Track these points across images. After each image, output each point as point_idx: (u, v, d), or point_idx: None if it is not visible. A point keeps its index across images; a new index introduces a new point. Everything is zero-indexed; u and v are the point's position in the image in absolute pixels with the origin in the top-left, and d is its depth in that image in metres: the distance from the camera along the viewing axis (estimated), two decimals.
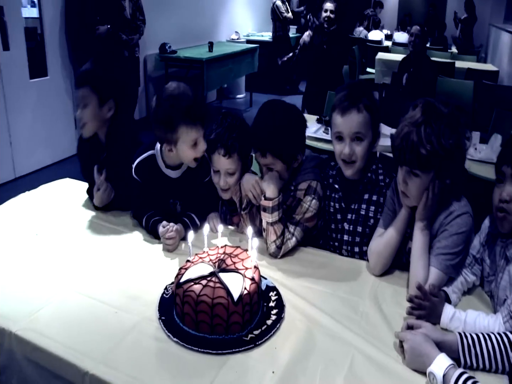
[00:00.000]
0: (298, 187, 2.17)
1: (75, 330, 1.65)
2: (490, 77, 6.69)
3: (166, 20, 7.59)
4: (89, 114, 2.45)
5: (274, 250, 2.12)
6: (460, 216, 1.84)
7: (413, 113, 1.79)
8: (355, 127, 2.06)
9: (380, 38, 10.65)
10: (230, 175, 2.27)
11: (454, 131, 1.75)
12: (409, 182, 1.83)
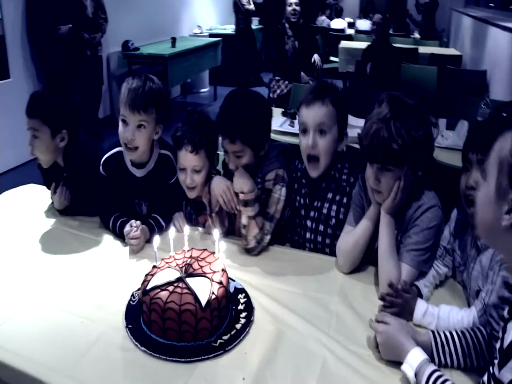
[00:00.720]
0: (265, 178, 2.16)
1: (39, 343, 1.60)
2: (453, 61, 6.76)
3: (128, 17, 7.47)
4: (41, 146, 2.38)
5: (253, 245, 2.11)
6: (429, 209, 1.84)
7: (380, 109, 1.78)
8: (318, 118, 2.06)
9: (342, 26, 10.68)
10: (196, 173, 2.24)
11: (422, 121, 1.75)
12: (381, 178, 1.81)
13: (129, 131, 2.18)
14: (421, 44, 8.45)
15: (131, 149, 2.23)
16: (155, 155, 2.34)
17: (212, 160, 2.30)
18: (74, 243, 2.23)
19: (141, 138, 2.20)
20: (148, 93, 2.17)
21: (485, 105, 3.57)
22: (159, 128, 2.28)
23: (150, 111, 2.19)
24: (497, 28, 5.97)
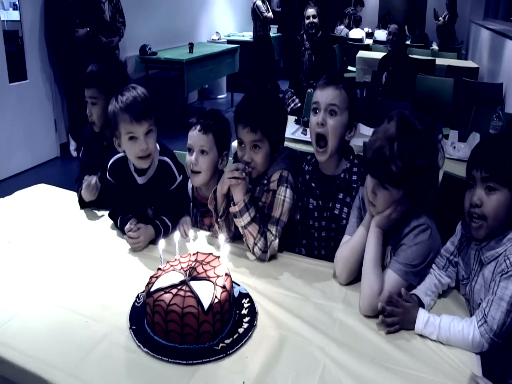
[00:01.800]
0: (270, 180, 2.18)
1: (43, 342, 1.62)
2: (470, 74, 6.72)
3: (146, 22, 7.55)
4: (99, 111, 2.57)
5: (259, 254, 2.11)
6: (416, 228, 1.83)
7: (388, 127, 1.77)
8: (330, 98, 2.10)
9: (361, 36, 10.67)
10: (202, 154, 2.29)
11: (428, 149, 1.73)
12: (378, 193, 1.81)
13: (142, 142, 2.23)
14: (439, 55, 8.43)
15: (145, 158, 2.28)
16: (155, 161, 2.37)
17: (220, 150, 2.34)
18: (82, 243, 2.26)
19: (152, 143, 2.27)
20: (145, 100, 2.25)
21: (497, 118, 3.56)
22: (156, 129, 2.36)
23: (151, 114, 2.27)
24: None
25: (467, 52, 10.70)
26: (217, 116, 2.36)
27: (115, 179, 2.41)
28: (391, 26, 5.78)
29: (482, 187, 1.65)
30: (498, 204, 1.63)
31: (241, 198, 2.07)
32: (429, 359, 1.58)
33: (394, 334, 1.69)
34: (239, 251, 2.21)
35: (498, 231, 1.68)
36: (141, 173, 2.36)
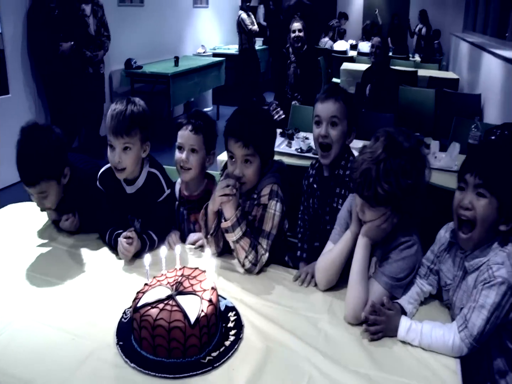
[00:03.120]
0: (261, 194, 2.21)
1: (29, 361, 1.61)
2: (451, 85, 6.84)
3: (131, 35, 7.57)
4: (54, 197, 2.35)
5: (249, 267, 2.15)
6: (403, 243, 1.87)
7: (375, 147, 1.80)
8: (331, 111, 2.30)
9: (345, 48, 10.77)
10: (193, 153, 2.38)
11: (414, 167, 1.77)
12: (366, 211, 1.85)
13: (116, 155, 2.29)
14: (421, 67, 8.55)
15: (119, 170, 2.34)
16: (144, 173, 2.42)
17: (208, 149, 2.43)
18: (67, 260, 2.26)
19: (127, 159, 2.31)
20: (130, 117, 2.27)
21: (476, 128, 3.63)
22: (147, 146, 2.38)
23: (133, 133, 2.28)
24: (490, 54, 6.07)
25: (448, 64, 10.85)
26: (206, 117, 2.45)
27: (104, 187, 2.46)
28: (374, 38, 5.84)
29: (473, 192, 1.69)
30: (485, 211, 1.67)
31: (233, 214, 2.10)
32: (411, 365, 1.62)
33: (377, 342, 1.73)
34: (225, 264, 2.23)
35: (484, 241, 1.73)
36: (130, 183, 2.42)
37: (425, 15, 12.06)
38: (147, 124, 2.36)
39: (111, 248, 2.33)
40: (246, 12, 9.40)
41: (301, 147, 3.72)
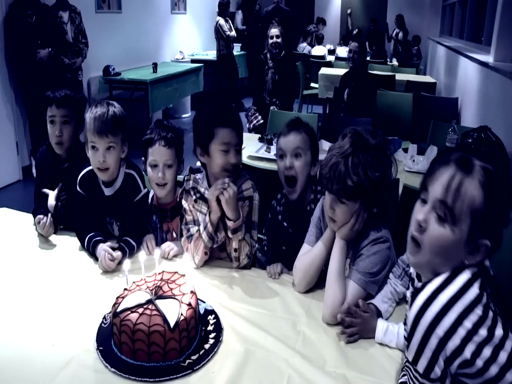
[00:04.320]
0: (242, 188, 2.24)
1: (8, 368, 1.61)
2: (428, 89, 6.91)
3: (109, 42, 7.55)
4: (70, 131, 2.62)
5: (246, 262, 2.23)
6: (373, 240, 1.90)
7: (342, 143, 1.85)
8: (294, 143, 2.35)
9: (323, 53, 10.84)
10: (168, 168, 2.42)
11: (380, 162, 1.82)
12: (336, 208, 1.88)
13: (100, 155, 2.34)
14: (398, 71, 8.62)
15: (103, 170, 2.38)
16: (122, 174, 2.47)
17: (179, 160, 2.50)
18: (45, 265, 2.26)
19: (111, 158, 2.37)
20: (112, 118, 2.35)
21: (453, 131, 3.69)
22: (125, 147, 2.46)
23: (116, 133, 2.37)
24: (466, 58, 6.15)
25: (426, 68, 10.95)
26: (173, 128, 2.49)
27: (84, 190, 2.48)
28: (351, 44, 5.89)
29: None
30: None
31: (239, 212, 2.14)
32: (389, 367, 1.63)
33: (355, 344, 1.75)
34: (205, 268, 2.25)
35: None
36: (108, 185, 2.46)
37: (401, 20, 12.23)
38: (125, 126, 2.44)
39: (89, 253, 2.33)
40: (224, 18, 9.43)
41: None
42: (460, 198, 1.24)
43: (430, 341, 1.23)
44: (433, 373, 1.25)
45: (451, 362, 1.22)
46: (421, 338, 1.24)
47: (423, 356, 1.25)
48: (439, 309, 1.22)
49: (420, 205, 1.37)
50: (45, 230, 2.46)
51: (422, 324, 1.24)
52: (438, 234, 1.28)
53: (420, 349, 1.25)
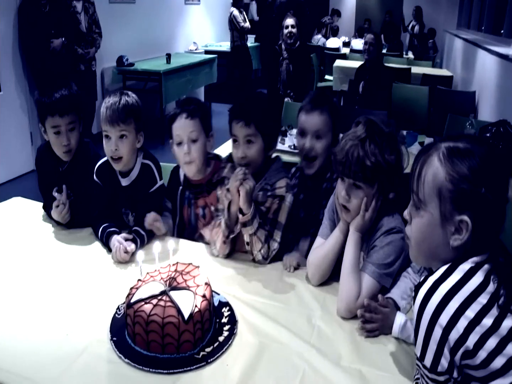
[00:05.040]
0: (276, 186, 2.20)
1: (22, 357, 1.61)
2: (445, 82, 6.83)
3: (123, 33, 7.56)
4: (76, 136, 2.52)
5: (260, 259, 2.17)
6: (387, 231, 1.87)
7: (356, 129, 1.84)
8: (316, 125, 2.30)
9: (338, 45, 10.77)
10: (193, 143, 2.33)
11: (394, 149, 1.82)
12: (351, 195, 1.85)
13: (112, 143, 2.32)
14: (414, 64, 8.55)
15: (116, 160, 2.36)
16: (138, 164, 2.44)
17: (206, 132, 2.39)
18: (60, 255, 2.25)
19: (124, 147, 2.34)
20: (124, 106, 2.32)
21: (470, 125, 3.64)
22: (141, 136, 2.42)
23: (128, 121, 2.33)
24: (485, 51, 6.07)
25: (442, 61, 10.86)
26: (197, 100, 2.45)
27: (101, 180, 2.48)
28: (367, 35, 5.82)
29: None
30: None
31: (251, 206, 2.09)
32: (405, 362, 1.61)
33: (370, 339, 1.72)
34: (219, 260, 2.23)
35: None
36: (125, 175, 2.44)
37: (420, 12, 12.03)
38: (140, 116, 2.40)
39: (103, 243, 2.32)
40: (238, 8, 9.39)
41: (294, 144, 3.72)
42: (421, 180, 1.24)
43: (434, 332, 1.21)
44: (440, 366, 1.22)
45: (455, 353, 1.20)
46: (425, 330, 1.22)
47: (429, 349, 1.23)
48: (440, 299, 1.20)
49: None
50: (63, 214, 2.44)
51: (425, 316, 1.22)
52: (415, 223, 1.31)
53: (425, 342, 1.23)
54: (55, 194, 2.44)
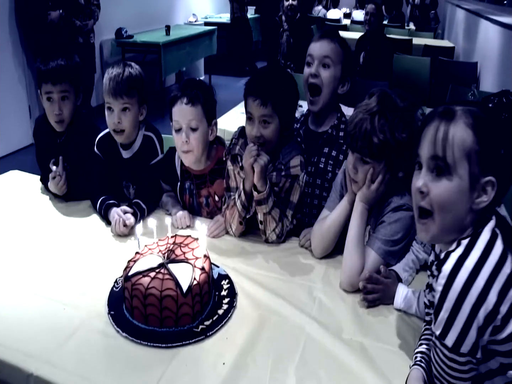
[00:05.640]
0: (289, 165, 2.09)
1: (19, 330, 1.59)
2: (446, 53, 6.78)
3: (121, 4, 7.44)
4: (70, 107, 2.47)
5: (274, 239, 2.11)
6: (396, 208, 1.84)
7: (369, 102, 1.78)
8: (324, 50, 2.19)
9: (338, 16, 10.67)
10: (193, 131, 2.16)
11: (407, 125, 1.74)
12: (359, 168, 1.81)
13: (115, 116, 2.28)
14: (415, 35, 8.48)
15: (118, 132, 2.32)
16: (140, 137, 2.41)
17: (209, 120, 2.21)
18: (58, 229, 2.23)
19: (126, 120, 2.30)
20: (128, 78, 2.27)
21: (472, 96, 3.59)
22: (143, 109, 2.38)
23: (131, 94, 2.28)
24: (487, 21, 5.99)
25: (443, 32, 10.74)
26: (201, 84, 2.27)
27: (102, 152, 2.45)
28: (368, 6, 5.76)
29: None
30: None
31: (266, 183, 2.01)
32: (406, 335, 1.60)
33: (372, 311, 1.71)
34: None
35: None
36: (126, 147, 2.41)
37: None
38: (143, 87, 2.35)
39: (101, 216, 2.30)
40: None
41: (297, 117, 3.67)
42: (449, 145, 1.21)
43: (461, 310, 1.17)
44: (463, 346, 1.18)
45: (484, 331, 1.17)
46: (451, 308, 1.18)
47: (453, 327, 1.19)
48: (467, 276, 1.16)
49: (416, 173, 1.32)
50: (60, 185, 2.41)
51: (451, 295, 1.18)
52: (441, 190, 1.24)
53: (449, 321, 1.19)
54: (51, 166, 2.42)
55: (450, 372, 1.23)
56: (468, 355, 1.19)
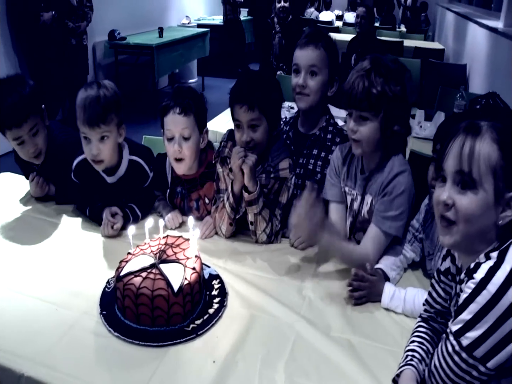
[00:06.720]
0: (278, 167, 2.11)
1: (11, 331, 1.61)
2: (436, 55, 6.85)
3: (114, 6, 7.45)
4: (42, 140, 2.37)
5: (264, 240, 2.14)
6: (398, 175, 1.87)
7: (363, 64, 1.85)
8: (310, 59, 2.22)
9: (331, 19, 10.71)
10: (185, 141, 2.15)
11: (399, 82, 1.83)
12: (360, 127, 1.85)
13: (93, 147, 2.15)
14: (406, 37, 8.53)
15: (98, 162, 2.21)
16: (125, 161, 2.31)
17: (201, 129, 2.20)
18: (49, 230, 2.24)
19: (106, 150, 2.18)
20: (104, 104, 2.11)
21: (461, 97, 3.64)
22: (122, 129, 2.24)
23: (109, 120, 2.14)
24: (475, 24, 6.07)
25: (434, 34, 10.81)
26: (193, 92, 2.22)
27: (81, 179, 2.35)
28: (359, 9, 5.82)
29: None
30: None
31: (257, 183, 2.03)
32: (394, 332, 1.63)
33: (360, 309, 1.74)
34: None
35: None
36: (110, 173, 2.31)
37: None
38: (120, 107, 2.20)
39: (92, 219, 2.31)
40: None
41: (286, 117, 3.69)
42: (475, 160, 1.21)
43: (486, 317, 1.16)
44: (477, 351, 1.18)
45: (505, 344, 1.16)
46: (475, 312, 1.18)
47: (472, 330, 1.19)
48: (499, 285, 1.16)
49: (439, 186, 1.32)
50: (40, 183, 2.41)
51: (480, 298, 1.18)
52: (466, 204, 1.24)
53: (470, 323, 1.19)
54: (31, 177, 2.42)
55: (453, 367, 1.22)
56: (479, 361, 1.18)
